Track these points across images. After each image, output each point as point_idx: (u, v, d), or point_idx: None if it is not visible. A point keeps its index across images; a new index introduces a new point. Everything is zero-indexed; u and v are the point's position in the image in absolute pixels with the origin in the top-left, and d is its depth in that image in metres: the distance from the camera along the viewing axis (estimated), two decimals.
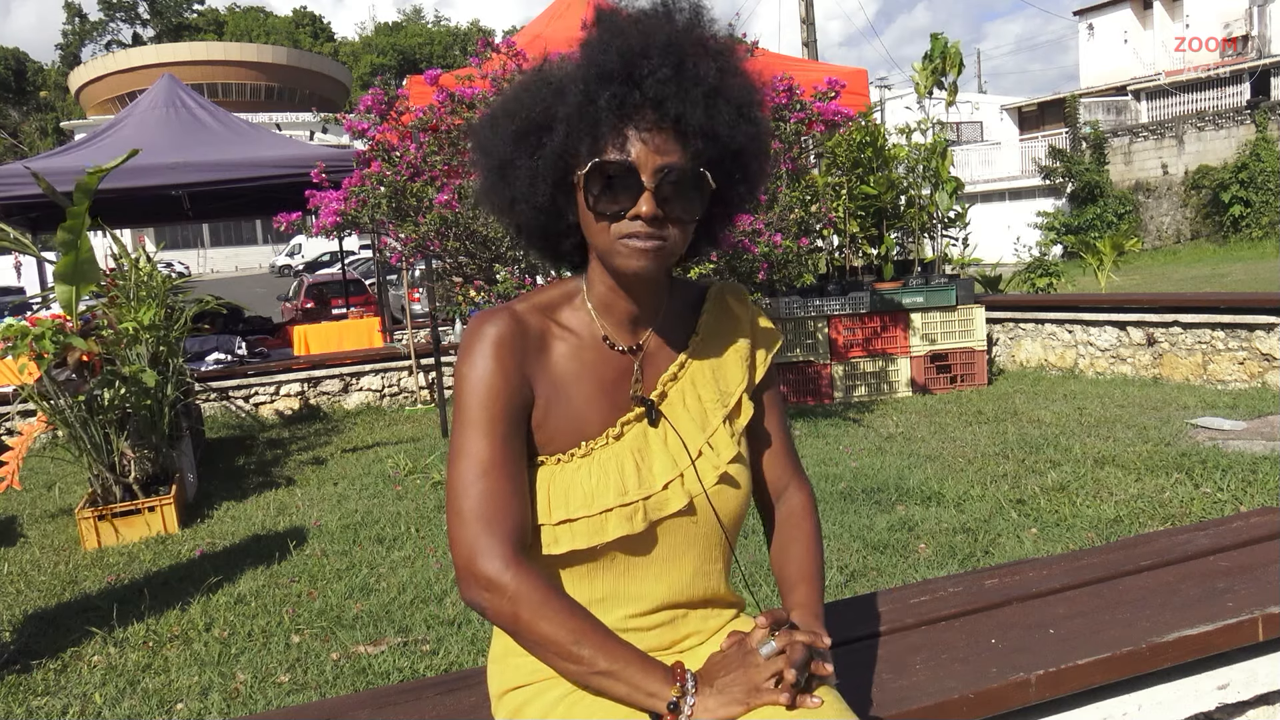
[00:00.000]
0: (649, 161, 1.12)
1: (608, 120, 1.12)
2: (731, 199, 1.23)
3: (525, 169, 1.19)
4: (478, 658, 3.07)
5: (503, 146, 1.21)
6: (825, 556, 1.38)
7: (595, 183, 1.13)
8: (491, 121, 1.24)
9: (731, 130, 1.15)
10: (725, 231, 1.31)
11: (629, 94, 1.11)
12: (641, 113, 1.12)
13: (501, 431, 1.16)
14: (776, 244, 5.78)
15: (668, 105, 1.11)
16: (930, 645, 1.57)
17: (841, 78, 6.76)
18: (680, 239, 1.17)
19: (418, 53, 70.38)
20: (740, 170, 1.20)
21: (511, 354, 1.18)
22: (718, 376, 1.30)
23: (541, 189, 1.19)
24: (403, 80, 6.73)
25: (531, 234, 1.27)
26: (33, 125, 59.78)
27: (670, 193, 1.13)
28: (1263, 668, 1.64)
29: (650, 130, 1.12)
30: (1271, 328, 6.67)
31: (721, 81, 1.14)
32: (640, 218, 1.12)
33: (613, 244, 1.15)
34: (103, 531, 4.81)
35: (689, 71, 1.12)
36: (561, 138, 1.15)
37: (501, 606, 1.10)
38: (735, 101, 1.16)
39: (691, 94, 1.11)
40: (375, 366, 8.87)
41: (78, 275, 4.94)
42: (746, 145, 1.18)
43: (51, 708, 2.95)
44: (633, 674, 1.08)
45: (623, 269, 1.17)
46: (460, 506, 1.14)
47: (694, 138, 1.13)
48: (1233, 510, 4.02)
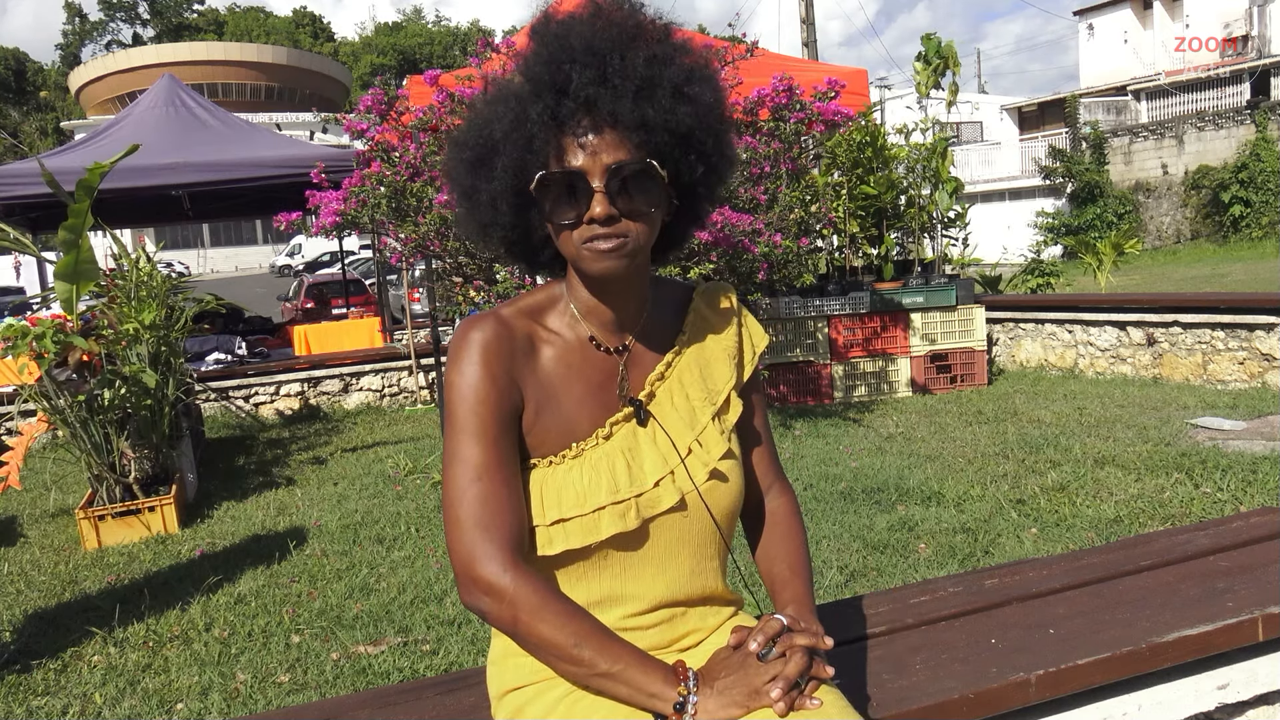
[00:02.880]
0: (594, 165, 1.13)
1: (543, 133, 1.14)
2: (694, 181, 1.22)
3: (485, 193, 1.21)
4: (478, 658, 3.07)
5: (463, 175, 1.23)
6: (825, 557, 1.38)
7: (547, 195, 1.15)
8: (451, 152, 1.26)
9: (670, 115, 1.14)
10: (706, 210, 1.30)
11: (560, 103, 1.13)
12: (576, 118, 1.13)
13: (493, 436, 1.17)
14: (776, 244, 5.78)
15: (599, 106, 1.12)
16: (930, 645, 1.57)
17: (841, 78, 6.75)
18: (644, 233, 1.17)
19: (418, 53, 70.40)
20: (694, 151, 1.19)
21: (499, 359, 1.19)
22: (705, 375, 1.31)
23: (504, 209, 1.20)
24: (403, 80, 6.72)
25: (511, 251, 1.28)
26: (33, 125, 59.77)
27: (622, 190, 1.13)
28: (1263, 668, 1.64)
29: (588, 134, 1.13)
30: (1271, 328, 6.67)
31: (652, 70, 1.14)
32: (596, 220, 1.13)
33: (578, 250, 1.16)
34: (103, 531, 4.81)
35: (614, 68, 1.12)
36: (507, 157, 1.17)
37: (501, 611, 1.11)
38: (670, 85, 1.15)
39: (621, 90, 1.12)
40: (375, 366, 8.87)
41: (78, 274, 4.94)
42: (693, 126, 1.17)
43: (51, 708, 2.95)
44: (634, 675, 1.09)
45: (592, 273, 1.18)
46: (457, 513, 1.15)
47: (634, 130, 1.13)
48: (1233, 510, 4.02)
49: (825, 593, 3.37)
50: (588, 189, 1.13)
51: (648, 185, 1.16)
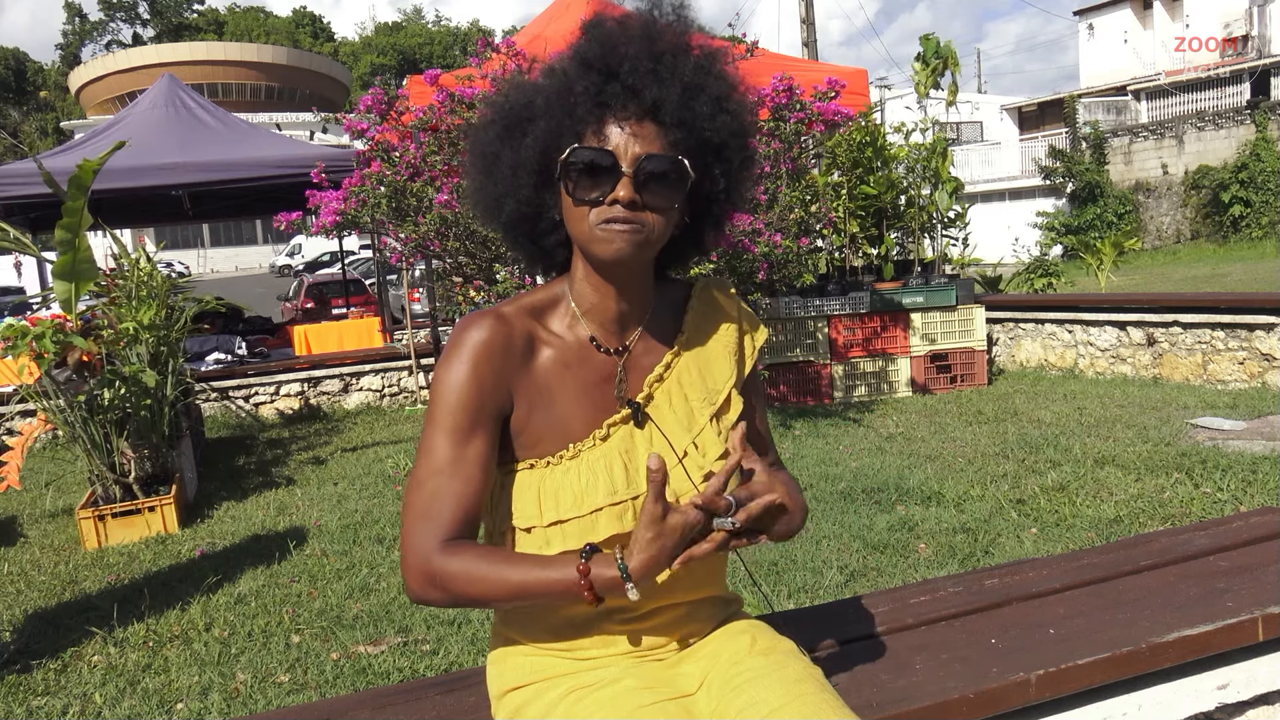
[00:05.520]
0: (627, 149, 1.14)
1: (586, 107, 1.15)
2: (714, 195, 1.24)
3: (509, 161, 1.21)
4: (478, 658, 3.07)
5: (489, 142, 1.24)
6: (825, 557, 1.38)
7: (574, 169, 1.16)
8: (482, 120, 1.28)
9: (710, 122, 1.17)
10: (712, 236, 1.31)
11: (607, 83, 1.14)
12: (620, 102, 1.15)
13: (465, 436, 1.19)
14: (776, 244, 5.78)
15: (645, 94, 1.14)
16: (930, 645, 1.57)
17: (841, 78, 6.75)
18: (660, 228, 1.18)
19: (418, 53, 70.38)
20: (721, 165, 1.22)
21: (490, 362, 1.20)
22: (704, 374, 1.31)
23: (525, 180, 1.21)
24: (403, 80, 6.72)
25: (518, 232, 1.28)
26: (33, 125, 59.78)
27: (648, 181, 1.15)
28: (1262, 668, 1.64)
29: (629, 119, 1.15)
30: (1271, 328, 6.67)
31: (700, 77, 1.17)
32: (619, 202, 1.14)
33: (592, 230, 1.16)
34: (103, 531, 4.81)
35: (666, 63, 1.15)
36: (542, 127, 1.18)
37: (432, 595, 1.15)
38: (714, 94, 1.18)
39: (669, 84, 1.14)
40: (375, 366, 8.87)
41: (76, 273, 4.93)
42: (727, 139, 1.20)
43: (51, 708, 2.95)
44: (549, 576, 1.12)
45: (602, 255, 1.18)
46: (409, 501, 1.20)
47: (672, 128, 1.15)
48: (1233, 510, 4.02)
49: (825, 593, 3.37)
50: (616, 171, 1.14)
51: (674, 183, 1.17)
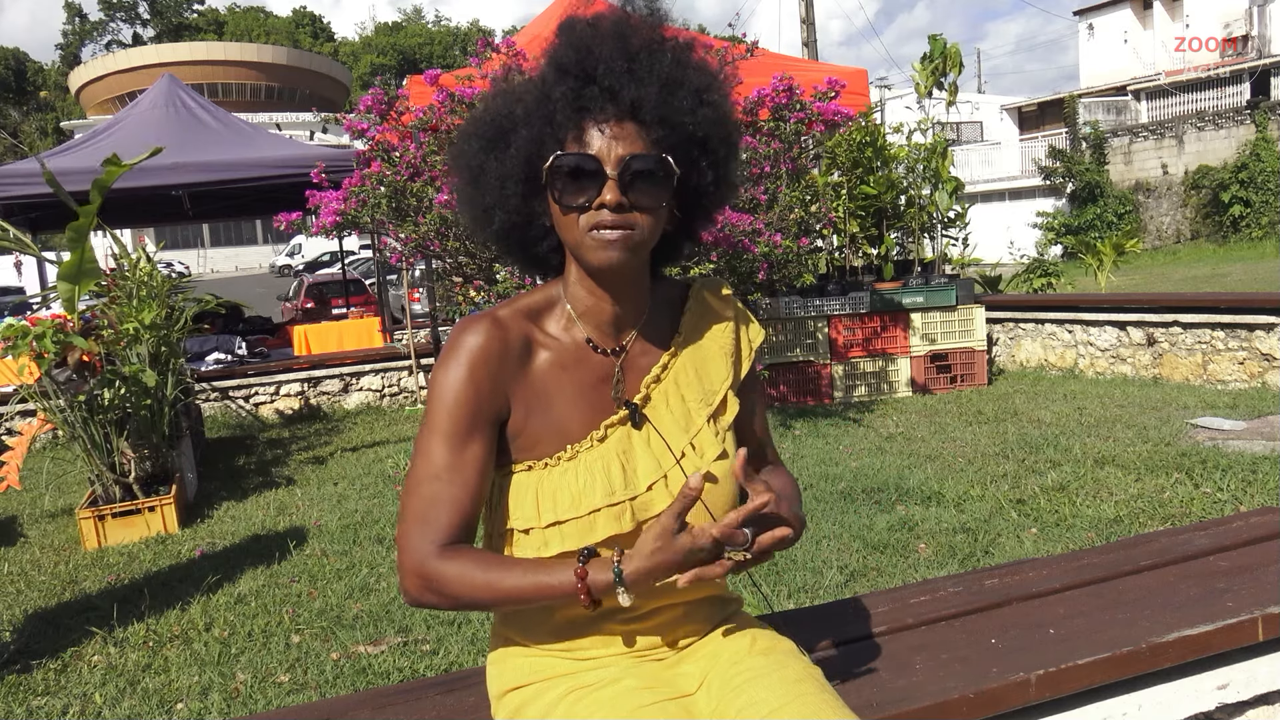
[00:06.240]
0: (610, 152, 1.14)
1: (565, 113, 1.15)
2: (702, 189, 1.24)
3: (494, 172, 1.21)
4: (478, 658, 3.07)
5: (474, 154, 1.24)
6: (825, 557, 1.38)
7: (560, 176, 1.16)
8: (463, 135, 1.27)
9: (691, 116, 1.17)
10: (704, 226, 1.32)
11: (584, 87, 1.15)
12: (598, 104, 1.15)
13: (462, 440, 1.19)
14: (776, 244, 5.78)
15: (623, 94, 1.14)
16: (930, 645, 1.57)
17: (841, 78, 6.75)
18: (649, 228, 1.18)
19: (418, 53, 70.39)
20: (707, 157, 1.21)
21: (486, 366, 1.20)
22: (701, 375, 1.31)
23: (512, 190, 1.21)
24: (403, 80, 6.73)
25: (509, 241, 1.28)
26: (33, 125, 59.78)
27: (634, 181, 1.14)
28: (1262, 668, 1.64)
29: (609, 121, 1.15)
30: (1271, 328, 6.67)
31: (677, 71, 1.17)
32: (605, 206, 1.14)
33: (582, 238, 1.17)
34: (103, 531, 4.81)
35: (642, 61, 1.15)
36: (524, 136, 1.18)
37: (428, 599, 1.16)
38: (693, 87, 1.18)
39: (646, 82, 1.14)
40: (375, 366, 8.87)
41: (81, 274, 4.94)
42: (710, 131, 1.20)
43: (51, 708, 2.95)
44: (543, 579, 1.14)
45: (594, 262, 1.18)
46: (404, 505, 1.20)
47: (653, 126, 1.15)
48: (1233, 510, 4.02)
49: (825, 593, 3.37)
50: (601, 175, 1.14)
51: (660, 181, 1.17)
